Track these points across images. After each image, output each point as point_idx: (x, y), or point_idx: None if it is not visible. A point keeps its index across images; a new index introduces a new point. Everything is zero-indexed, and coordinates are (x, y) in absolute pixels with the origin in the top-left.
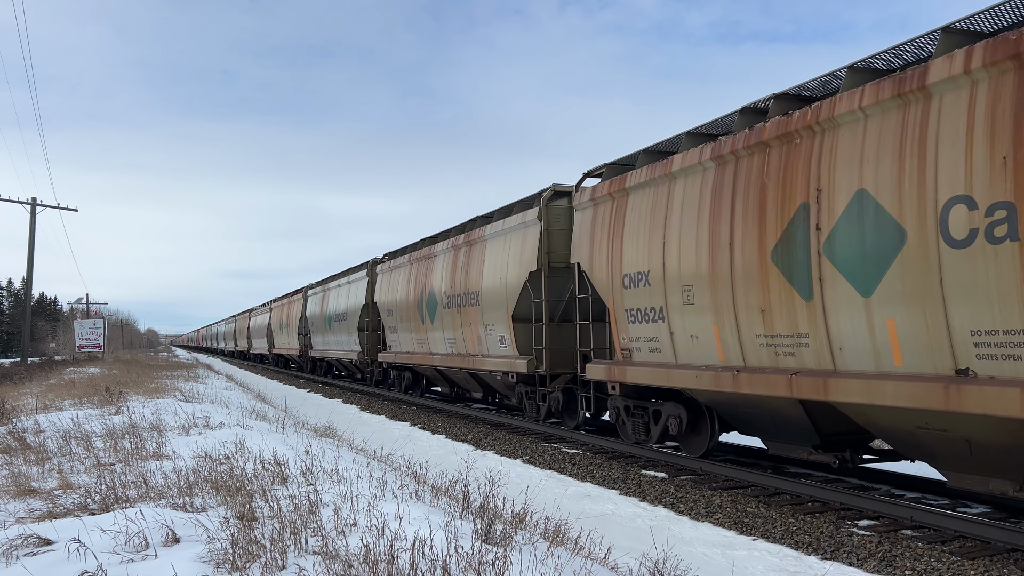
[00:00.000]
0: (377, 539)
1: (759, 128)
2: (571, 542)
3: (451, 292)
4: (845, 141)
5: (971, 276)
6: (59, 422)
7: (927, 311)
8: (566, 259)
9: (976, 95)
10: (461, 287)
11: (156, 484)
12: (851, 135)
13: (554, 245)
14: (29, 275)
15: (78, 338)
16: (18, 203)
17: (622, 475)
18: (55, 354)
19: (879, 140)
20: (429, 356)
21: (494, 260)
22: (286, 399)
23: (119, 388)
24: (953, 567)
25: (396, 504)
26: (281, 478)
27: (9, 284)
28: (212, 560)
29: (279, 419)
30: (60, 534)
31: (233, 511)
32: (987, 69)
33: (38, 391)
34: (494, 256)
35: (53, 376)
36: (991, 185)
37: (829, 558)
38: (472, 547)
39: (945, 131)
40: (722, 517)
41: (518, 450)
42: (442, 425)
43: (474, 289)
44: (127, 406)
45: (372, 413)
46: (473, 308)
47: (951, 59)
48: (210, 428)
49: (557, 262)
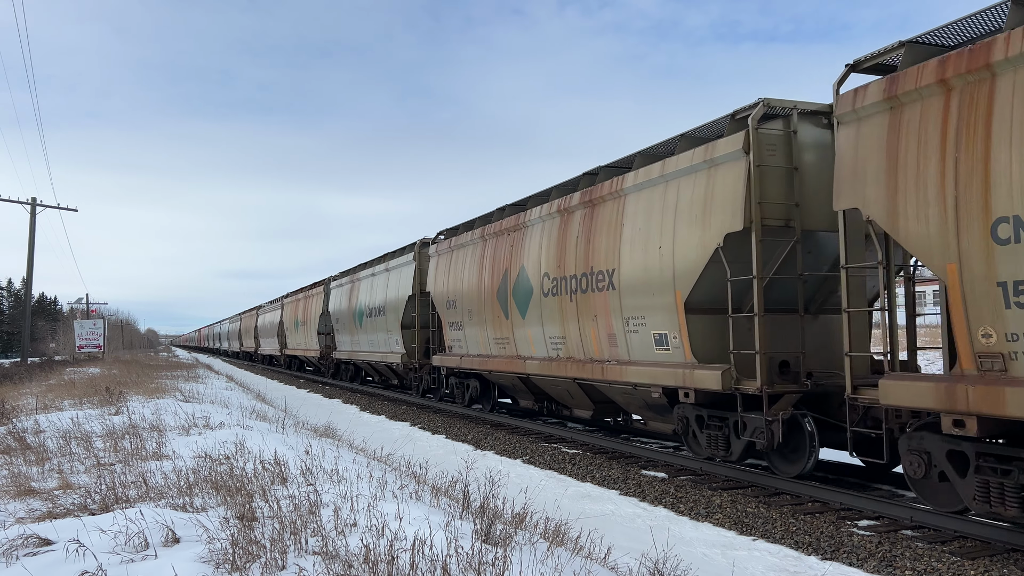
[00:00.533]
0: (377, 539)
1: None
2: (571, 542)
3: (557, 274)
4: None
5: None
6: (59, 422)
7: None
8: (784, 213)
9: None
10: (577, 265)
11: (156, 484)
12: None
13: (768, 190)
14: (29, 275)
15: (78, 338)
16: (18, 203)
17: (622, 475)
18: (55, 354)
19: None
20: (516, 361)
21: (644, 222)
22: (286, 399)
23: (119, 388)
24: (953, 567)
25: (396, 504)
26: (281, 478)
27: (9, 284)
28: (212, 560)
29: (279, 419)
30: (60, 534)
31: (233, 511)
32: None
33: (38, 391)
34: (643, 217)
35: (53, 376)
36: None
37: (829, 558)
38: (472, 547)
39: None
40: (722, 517)
41: (518, 450)
42: (442, 425)
43: (603, 267)
44: (127, 406)
45: (372, 413)
46: (600, 295)
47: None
48: (210, 428)
49: (773, 218)
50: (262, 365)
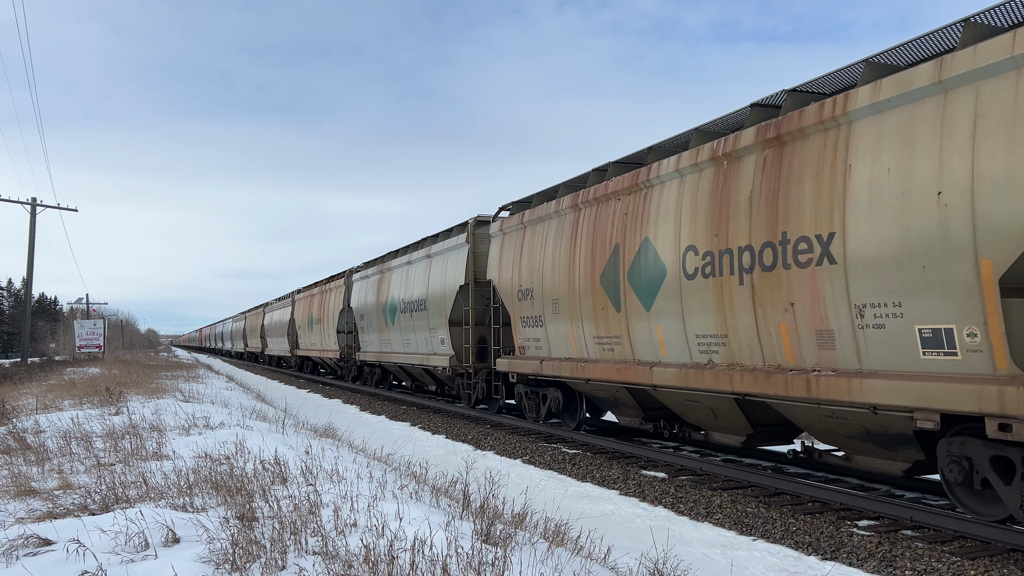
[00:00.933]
0: (377, 539)
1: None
2: (571, 542)
3: (712, 247)
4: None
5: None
6: (59, 422)
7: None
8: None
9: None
10: (752, 233)
11: (156, 484)
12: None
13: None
14: (29, 275)
15: (78, 338)
16: (18, 203)
17: (622, 475)
18: (55, 354)
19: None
20: (633, 368)
21: (899, 158)
22: (286, 399)
23: (119, 388)
24: (953, 567)
25: (396, 504)
26: (281, 478)
27: (9, 284)
28: (212, 560)
29: (279, 419)
30: (60, 534)
31: (233, 511)
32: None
33: (38, 391)
34: (898, 150)
35: (53, 376)
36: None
37: (829, 558)
38: (472, 547)
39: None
40: (722, 517)
41: (518, 450)
42: (442, 425)
43: (808, 231)
44: (127, 406)
45: (372, 413)
46: (802, 273)
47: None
48: (210, 428)
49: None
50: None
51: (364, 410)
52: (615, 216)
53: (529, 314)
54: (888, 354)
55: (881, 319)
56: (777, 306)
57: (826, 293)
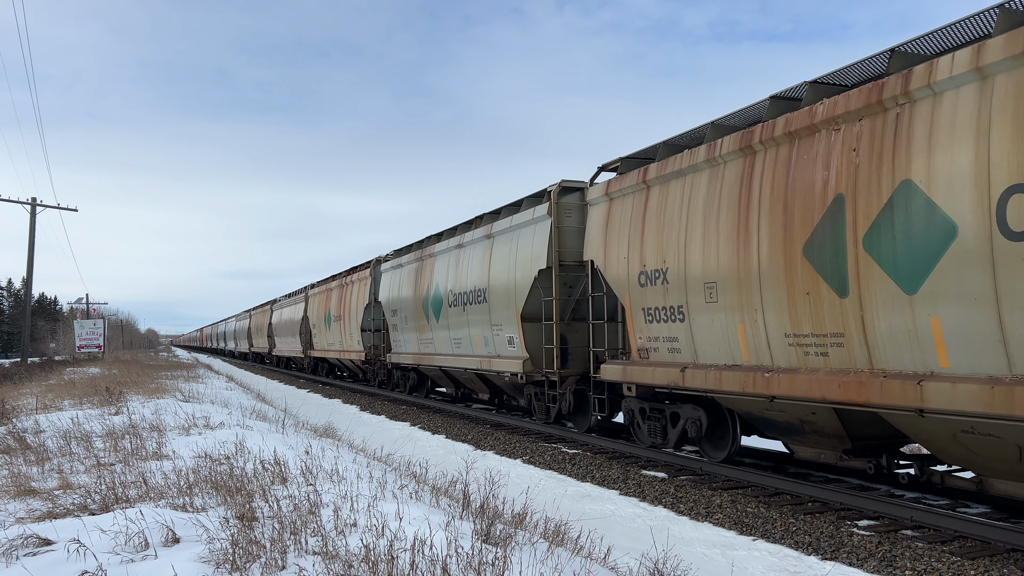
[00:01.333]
0: (377, 539)
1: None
2: (571, 542)
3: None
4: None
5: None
6: (59, 422)
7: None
8: None
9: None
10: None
11: (156, 484)
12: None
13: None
14: (29, 275)
15: (78, 338)
16: (18, 203)
17: (622, 475)
18: (55, 354)
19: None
20: (858, 382)
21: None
22: (286, 399)
23: (119, 388)
24: (953, 567)
25: (396, 504)
26: (281, 478)
27: (9, 284)
28: (212, 560)
29: (279, 419)
30: (60, 534)
31: (233, 511)
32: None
33: (38, 391)
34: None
35: (53, 376)
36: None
37: (829, 558)
38: (472, 547)
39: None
40: (722, 517)
41: (518, 450)
42: (442, 425)
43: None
44: (127, 406)
45: (372, 413)
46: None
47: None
48: (210, 428)
49: None
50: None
51: (364, 410)
52: (834, 154)
53: (659, 304)
54: None
55: None
56: None
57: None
